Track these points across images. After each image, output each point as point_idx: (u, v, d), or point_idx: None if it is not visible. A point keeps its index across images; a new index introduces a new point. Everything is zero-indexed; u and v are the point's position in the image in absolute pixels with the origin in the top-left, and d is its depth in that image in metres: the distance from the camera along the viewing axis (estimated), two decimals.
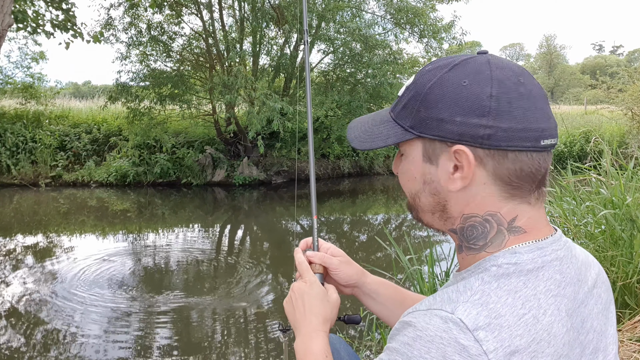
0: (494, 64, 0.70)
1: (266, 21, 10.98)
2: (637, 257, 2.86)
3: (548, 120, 0.69)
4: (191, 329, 4.20)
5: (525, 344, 0.61)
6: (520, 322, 0.62)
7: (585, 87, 42.54)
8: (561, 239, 0.73)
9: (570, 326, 0.66)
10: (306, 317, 0.97)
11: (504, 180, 0.69)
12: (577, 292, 0.70)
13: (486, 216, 0.71)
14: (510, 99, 0.67)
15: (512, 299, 0.64)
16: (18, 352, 3.79)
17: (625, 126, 15.01)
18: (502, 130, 0.66)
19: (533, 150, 0.68)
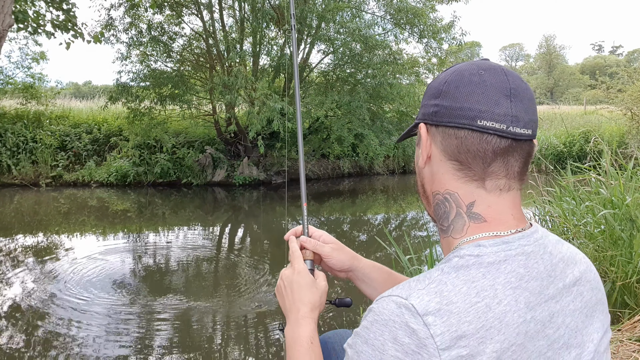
0: (473, 62, 0.80)
1: (266, 21, 10.99)
2: (637, 257, 2.87)
3: (493, 106, 0.73)
4: (191, 328, 4.21)
5: (474, 329, 0.64)
6: (471, 309, 0.66)
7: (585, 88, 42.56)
8: (533, 235, 0.76)
9: (531, 318, 0.68)
10: (295, 305, 1.02)
11: (451, 156, 0.77)
12: (546, 287, 0.72)
13: (445, 194, 0.79)
14: (458, 84, 0.76)
15: (467, 288, 0.68)
16: (18, 352, 3.80)
17: (624, 126, 15.03)
18: (444, 107, 0.77)
19: (469, 128, 0.74)
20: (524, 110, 0.75)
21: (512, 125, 0.73)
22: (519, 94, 0.75)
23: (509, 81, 0.76)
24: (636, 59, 60.91)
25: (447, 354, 0.63)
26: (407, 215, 9.66)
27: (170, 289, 5.24)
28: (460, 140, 0.75)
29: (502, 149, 0.74)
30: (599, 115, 15.82)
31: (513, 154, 0.75)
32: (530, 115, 0.76)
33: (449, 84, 0.77)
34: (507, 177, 0.76)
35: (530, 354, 0.67)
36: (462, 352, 0.63)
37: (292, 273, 1.07)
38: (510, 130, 0.73)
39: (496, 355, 0.64)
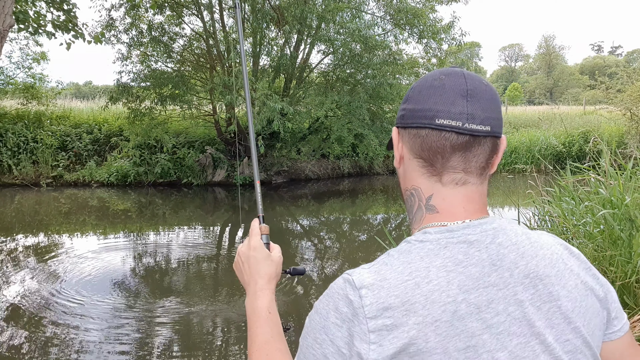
0: (440, 69, 0.86)
1: (266, 22, 11.00)
2: (636, 256, 2.89)
3: (449, 105, 0.80)
4: (191, 328, 4.23)
5: (399, 303, 0.73)
6: (400, 286, 0.74)
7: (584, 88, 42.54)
8: (481, 225, 0.80)
9: (462, 299, 0.73)
10: (252, 278, 1.11)
11: (417, 154, 0.84)
12: (487, 274, 0.76)
13: (412, 190, 0.87)
14: (421, 89, 0.84)
15: (403, 268, 0.76)
16: (18, 352, 3.81)
17: (623, 126, 15.05)
18: (408, 110, 0.84)
19: (429, 127, 0.81)
20: (481, 108, 0.80)
21: (467, 122, 0.79)
22: (476, 94, 0.81)
23: (466, 83, 0.81)
24: (635, 59, 60.94)
25: (374, 322, 0.72)
26: (406, 215, 9.68)
27: (170, 289, 5.26)
28: (422, 138, 0.82)
29: (459, 144, 0.80)
30: (598, 116, 15.84)
31: (471, 149, 0.81)
32: (488, 113, 0.81)
33: (414, 90, 0.85)
34: (464, 172, 0.82)
35: (459, 332, 0.72)
36: (386, 321, 0.72)
37: (248, 249, 1.14)
38: (466, 127, 0.79)
39: (418, 327, 0.71)
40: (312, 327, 0.79)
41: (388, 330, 0.72)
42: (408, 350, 0.71)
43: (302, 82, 13.03)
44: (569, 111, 20.84)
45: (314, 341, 0.78)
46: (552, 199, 4.19)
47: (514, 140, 15.93)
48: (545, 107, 26.89)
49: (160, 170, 12.10)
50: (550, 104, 28.99)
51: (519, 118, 19.94)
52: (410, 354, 0.71)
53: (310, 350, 0.78)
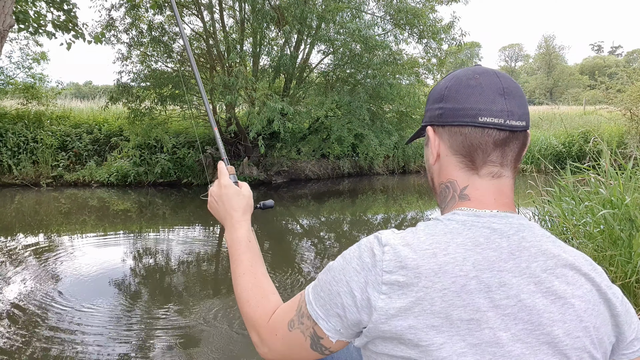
0: (469, 68, 0.92)
1: (266, 22, 11.00)
2: (636, 256, 2.89)
3: (490, 104, 0.86)
4: (192, 327, 4.23)
5: (414, 265, 0.79)
6: (419, 252, 0.81)
7: (584, 88, 42.56)
8: (507, 217, 0.85)
9: (474, 276, 0.78)
10: (228, 213, 1.21)
11: (457, 151, 0.89)
12: (505, 260, 0.81)
13: (447, 182, 0.92)
14: (458, 88, 0.89)
15: (426, 237, 0.83)
16: (17, 352, 3.82)
17: (623, 127, 15.05)
18: (448, 109, 0.89)
19: (472, 125, 0.86)
20: (517, 105, 0.87)
21: (508, 119, 0.86)
22: (511, 92, 0.87)
23: (501, 82, 0.88)
24: (635, 59, 60.92)
25: (388, 276, 0.80)
26: (407, 215, 9.68)
27: (170, 289, 5.27)
28: (464, 136, 0.87)
29: (501, 140, 0.86)
30: (598, 116, 15.84)
31: (509, 144, 0.87)
32: (523, 109, 0.88)
33: (450, 89, 0.90)
34: (501, 165, 0.88)
35: (465, 305, 0.77)
36: (399, 278, 0.79)
37: (219, 188, 1.25)
38: (507, 123, 0.86)
39: (426, 291, 0.78)
40: (334, 267, 0.88)
41: (399, 287, 0.79)
42: (413, 309, 0.78)
43: (302, 82, 13.03)
44: (568, 111, 20.83)
45: (332, 279, 0.86)
46: (552, 198, 4.19)
47: None
48: (545, 107, 26.88)
49: (160, 170, 12.10)
50: (550, 104, 28.97)
51: None
52: (415, 313, 0.78)
53: (326, 285, 0.87)
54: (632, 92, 14.20)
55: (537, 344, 0.77)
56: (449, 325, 0.76)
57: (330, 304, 0.85)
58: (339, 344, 0.87)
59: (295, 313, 0.92)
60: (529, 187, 4.85)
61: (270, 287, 1.05)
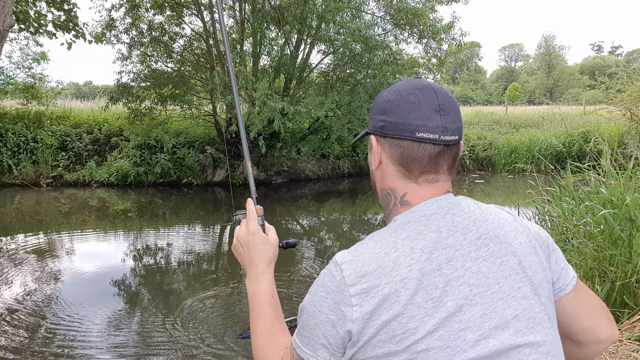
0: (409, 82, 0.99)
1: (267, 22, 11.00)
2: (636, 256, 2.89)
3: (427, 120, 0.93)
4: (192, 327, 4.23)
5: (372, 269, 0.88)
6: (372, 257, 0.89)
7: (584, 88, 42.55)
8: (437, 201, 0.95)
9: (425, 259, 0.88)
10: (253, 262, 1.21)
11: (396, 161, 0.97)
12: (445, 237, 0.91)
13: (388, 190, 1.00)
14: (399, 103, 0.96)
15: (374, 243, 0.92)
16: (17, 352, 3.81)
17: (623, 126, 15.04)
18: (389, 123, 0.96)
19: (409, 139, 0.94)
20: (452, 121, 0.95)
21: (443, 134, 0.94)
22: (446, 108, 0.95)
23: (438, 98, 0.95)
24: (635, 59, 60.90)
25: (354, 288, 0.87)
26: None
27: (170, 289, 5.26)
28: (403, 148, 0.96)
29: (435, 153, 0.95)
30: (598, 116, 15.84)
31: (443, 156, 0.96)
32: (457, 124, 0.96)
33: (392, 103, 0.97)
34: (436, 173, 0.96)
35: (425, 286, 0.86)
36: (364, 285, 0.87)
37: (246, 234, 1.24)
38: (442, 138, 0.94)
39: (389, 285, 0.86)
40: (305, 306, 0.94)
41: (366, 293, 0.86)
42: (383, 305, 0.85)
43: (302, 82, 13.03)
44: (568, 111, 20.83)
45: (307, 316, 0.93)
46: (552, 198, 4.19)
47: (514, 140, 15.92)
48: (545, 107, 26.88)
49: (160, 170, 12.10)
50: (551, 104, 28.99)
51: (518, 118, 19.93)
52: (386, 308, 0.85)
53: (305, 324, 0.93)
54: (632, 92, 14.20)
55: (492, 301, 0.87)
56: (417, 308, 0.85)
57: (314, 338, 0.91)
58: None
59: None
60: (529, 187, 4.85)
61: (286, 340, 1.07)
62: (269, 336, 1.08)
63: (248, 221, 1.26)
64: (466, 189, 12.88)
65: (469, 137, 16.56)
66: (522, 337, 0.87)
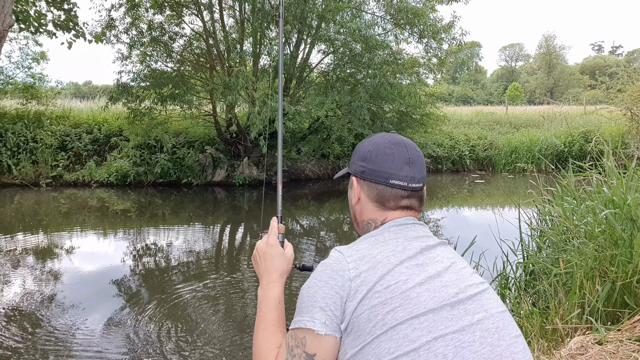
0: (386, 137, 1.26)
1: (267, 21, 10.99)
2: (637, 256, 2.87)
3: (399, 170, 1.21)
4: (191, 327, 4.22)
5: (366, 249, 1.12)
6: (364, 244, 1.15)
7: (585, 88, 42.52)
8: (405, 222, 1.21)
9: (408, 243, 1.13)
10: (267, 271, 1.33)
11: (373, 199, 1.23)
12: (422, 236, 1.18)
13: (368, 220, 1.25)
14: (377, 154, 1.23)
15: (364, 239, 1.18)
16: (17, 352, 3.80)
17: (624, 126, 15.03)
18: (369, 169, 1.23)
19: (385, 184, 1.21)
20: (418, 171, 1.23)
21: (410, 182, 1.21)
22: (414, 161, 1.23)
23: (408, 153, 1.23)
24: (636, 59, 60.88)
25: (351, 258, 1.09)
26: None
27: (170, 289, 5.25)
28: (379, 190, 1.22)
29: (406, 195, 1.22)
30: (598, 116, 15.83)
31: (412, 197, 1.23)
32: (422, 174, 1.24)
33: (371, 153, 1.23)
34: (408, 208, 1.23)
35: (410, 257, 1.09)
36: (359, 256, 1.09)
37: (265, 245, 1.37)
38: (410, 185, 1.21)
39: (382, 254, 1.10)
40: (306, 286, 1.10)
41: (361, 259, 1.09)
42: (377, 266, 1.07)
43: (302, 82, 13.02)
44: (569, 111, 20.83)
45: (306, 290, 1.10)
46: (553, 198, 4.17)
47: (515, 140, 15.91)
48: (545, 106, 26.86)
49: (160, 170, 12.08)
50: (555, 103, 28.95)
51: (519, 118, 19.93)
52: (380, 268, 1.06)
53: (304, 298, 1.09)
54: (632, 92, 14.19)
55: (460, 272, 1.12)
56: (406, 268, 1.07)
57: (312, 303, 1.06)
58: (328, 342, 1.04)
59: (286, 351, 1.09)
60: (529, 187, 4.83)
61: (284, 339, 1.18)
62: (269, 334, 1.19)
63: (269, 235, 1.40)
64: (466, 189, 12.87)
65: (469, 137, 16.55)
66: (477, 288, 1.11)
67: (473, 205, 10.98)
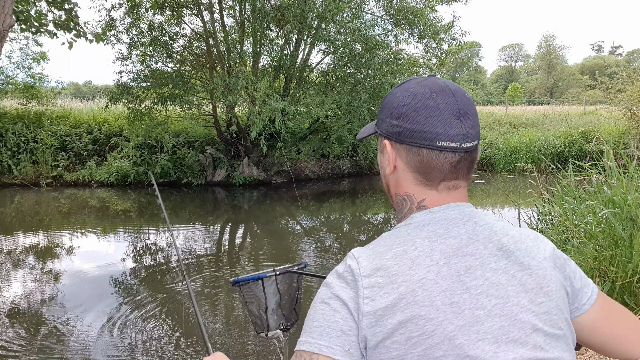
0: (423, 83, 0.94)
1: (267, 22, 10.99)
2: (637, 256, 2.88)
3: (447, 128, 0.89)
4: (191, 327, 4.23)
5: (389, 265, 0.85)
6: (389, 252, 0.87)
7: (584, 88, 42.53)
8: (460, 207, 0.93)
9: (444, 263, 0.86)
10: None
11: (413, 169, 0.93)
12: (465, 245, 0.88)
13: (404, 195, 0.97)
14: (416, 108, 0.91)
15: (392, 240, 0.90)
16: (17, 351, 3.81)
17: (624, 126, 15.04)
18: (406, 129, 0.91)
19: (430, 148, 0.90)
20: (472, 126, 0.92)
21: (463, 142, 0.90)
22: (466, 113, 0.91)
23: (457, 102, 0.91)
24: (635, 59, 60.91)
25: (368, 279, 0.84)
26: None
27: (169, 288, 5.26)
28: (422, 157, 0.91)
29: (456, 161, 0.91)
30: (598, 116, 15.83)
31: (463, 162, 0.93)
32: (477, 128, 0.93)
33: (408, 108, 0.92)
34: (456, 179, 0.94)
35: (444, 290, 0.83)
36: (379, 279, 0.84)
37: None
38: (462, 146, 0.91)
39: (407, 284, 0.83)
40: (319, 296, 0.90)
41: (380, 287, 0.83)
42: (399, 304, 0.82)
43: (302, 82, 13.02)
44: (569, 111, 20.84)
45: (321, 303, 0.88)
46: (553, 198, 4.18)
47: (514, 140, 15.92)
48: (545, 106, 26.87)
49: (160, 170, 12.09)
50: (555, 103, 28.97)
51: (519, 118, 19.94)
52: (402, 308, 0.82)
53: (317, 314, 0.88)
54: (632, 92, 14.19)
55: (512, 314, 0.85)
56: (436, 311, 0.81)
57: (329, 325, 0.85)
58: None
59: None
60: (529, 187, 4.84)
61: None
62: None
63: None
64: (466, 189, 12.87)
65: None
66: (541, 353, 0.84)
67: (473, 205, 10.98)
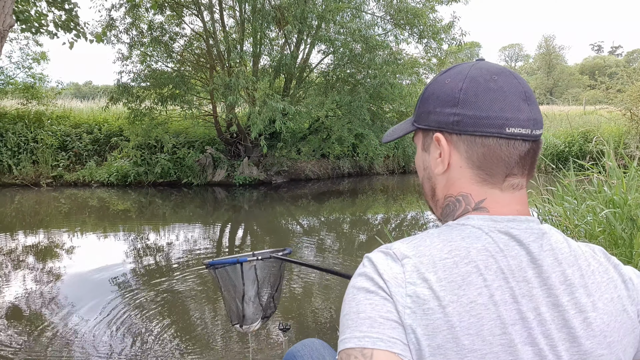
0: (477, 66, 0.82)
1: (267, 22, 11.00)
2: (637, 256, 2.88)
3: (517, 112, 0.77)
4: (190, 327, 4.22)
5: (437, 277, 0.72)
6: (439, 262, 0.73)
7: (584, 88, 42.55)
8: (526, 222, 0.79)
9: (498, 286, 0.73)
10: None
11: (475, 164, 0.79)
12: (525, 270, 0.75)
13: (458, 196, 0.82)
14: (477, 92, 0.78)
15: (442, 245, 0.75)
16: (16, 351, 3.81)
17: (624, 126, 15.05)
18: (467, 117, 0.78)
19: (498, 136, 0.77)
20: (538, 111, 0.80)
21: (534, 128, 0.78)
22: (531, 96, 0.79)
23: (521, 85, 0.79)
24: (635, 59, 60.92)
25: (412, 287, 0.71)
26: (407, 214, 9.67)
27: (170, 288, 5.26)
28: (487, 148, 0.78)
29: (525, 151, 0.79)
30: (598, 116, 15.84)
31: (530, 153, 0.80)
32: (541, 114, 0.81)
33: (467, 92, 0.79)
34: (521, 176, 0.81)
35: (495, 318, 0.71)
36: (425, 290, 0.71)
37: None
38: (533, 133, 0.78)
39: (453, 306, 0.70)
40: (360, 285, 0.75)
41: (423, 302, 0.71)
42: (440, 327, 0.70)
43: (302, 82, 13.03)
44: (569, 111, 20.85)
45: (367, 292, 0.74)
46: (553, 198, 4.18)
47: None
48: (546, 106, 26.89)
49: (160, 170, 12.09)
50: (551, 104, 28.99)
51: None
52: (443, 331, 0.70)
53: (363, 301, 0.74)
54: (632, 92, 14.20)
55: None
56: (482, 342, 0.70)
57: (381, 315, 0.72)
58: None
59: None
60: (529, 187, 4.84)
61: None
62: None
63: None
64: None
65: None
66: None
67: None
